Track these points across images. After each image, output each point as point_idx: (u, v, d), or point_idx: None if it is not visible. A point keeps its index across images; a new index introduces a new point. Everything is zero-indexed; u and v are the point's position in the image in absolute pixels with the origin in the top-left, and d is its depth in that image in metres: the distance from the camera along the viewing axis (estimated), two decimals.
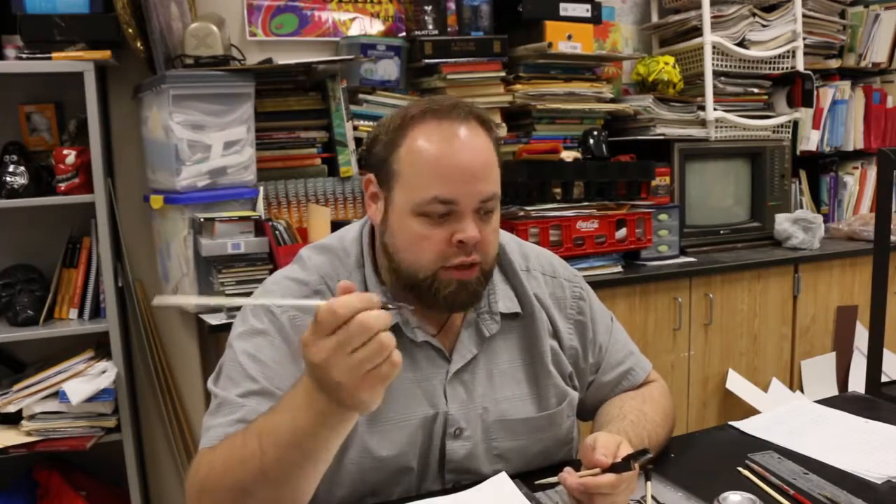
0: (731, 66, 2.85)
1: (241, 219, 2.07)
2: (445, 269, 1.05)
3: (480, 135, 1.06)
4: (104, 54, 2.08)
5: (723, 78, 2.84)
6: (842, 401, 1.45)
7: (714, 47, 2.77)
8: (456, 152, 1.03)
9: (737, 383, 2.60)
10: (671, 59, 2.80)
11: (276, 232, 2.11)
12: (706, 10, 2.74)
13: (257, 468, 0.90)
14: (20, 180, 2.06)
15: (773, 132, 2.98)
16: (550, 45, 2.53)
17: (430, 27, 2.54)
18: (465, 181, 1.03)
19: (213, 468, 0.95)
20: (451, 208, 1.03)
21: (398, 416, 1.10)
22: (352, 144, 2.36)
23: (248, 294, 2.04)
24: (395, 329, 1.08)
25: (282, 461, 0.89)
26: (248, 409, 1.01)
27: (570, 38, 2.59)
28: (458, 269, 1.05)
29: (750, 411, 2.28)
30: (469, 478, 1.12)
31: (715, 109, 2.78)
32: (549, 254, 1.30)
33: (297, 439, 0.88)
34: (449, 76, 2.46)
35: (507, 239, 1.25)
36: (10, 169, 2.06)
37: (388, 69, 2.47)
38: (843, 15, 3.17)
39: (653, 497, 1.02)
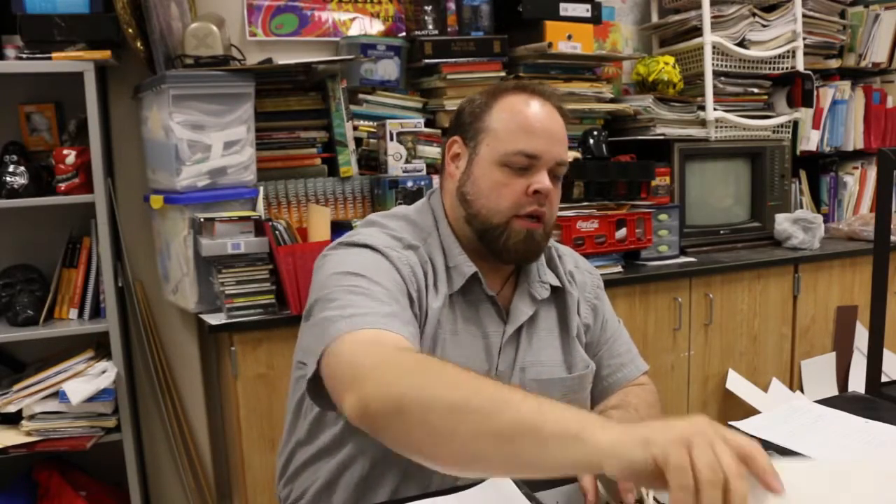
0: (731, 66, 2.85)
1: (241, 219, 2.07)
2: (518, 218, 1.17)
3: (558, 112, 1.22)
4: (104, 54, 2.08)
5: (723, 78, 2.84)
6: (842, 401, 1.45)
7: (714, 47, 2.77)
8: (542, 117, 1.19)
9: (737, 383, 2.60)
10: (671, 59, 2.80)
11: (276, 232, 2.10)
12: (706, 10, 2.74)
13: (470, 405, 0.80)
14: (20, 180, 2.06)
15: (773, 132, 2.98)
16: (550, 45, 2.53)
17: (430, 27, 2.54)
18: (547, 141, 1.18)
19: (402, 365, 0.88)
20: (532, 162, 1.17)
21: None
22: (352, 144, 2.36)
23: (248, 294, 2.07)
24: (474, 278, 1.21)
25: (491, 426, 0.78)
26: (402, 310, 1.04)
27: (570, 38, 2.59)
28: (528, 219, 1.17)
29: (750, 411, 2.28)
30: None
31: (715, 109, 2.78)
32: (573, 250, 1.44)
33: (530, 427, 0.77)
34: (449, 76, 2.46)
35: None
36: (10, 169, 2.06)
37: (388, 69, 2.47)
38: (843, 15, 3.16)
39: (654, 497, 1.02)
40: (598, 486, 1.04)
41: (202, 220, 2.04)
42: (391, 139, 2.34)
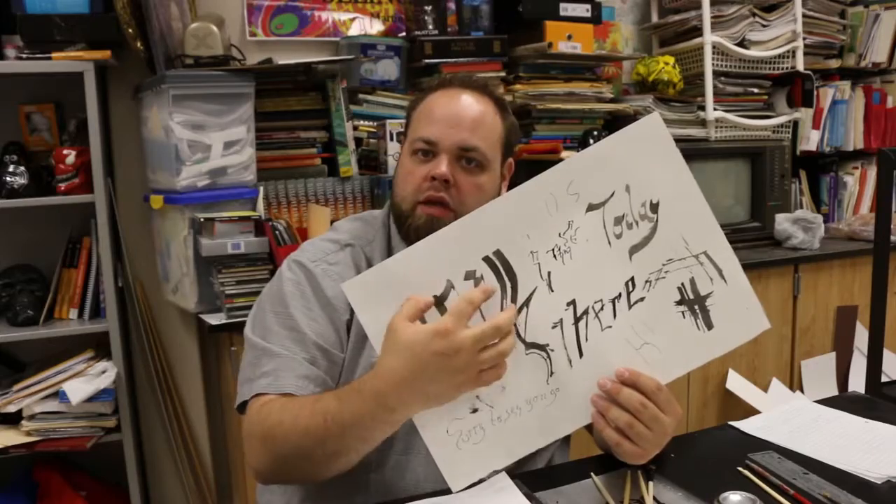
0: (731, 66, 2.85)
1: (241, 219, 2.07)
2: (421, 204, 1.17)
3: (480, 99, 1.21)
4: (104, 54, 2.08)
5: (723, 78, 2.84)
6: (842, 401, 1.45)
7: (714, 47, 2.77)
8: (448, 105, 1.19)
9: (737, 383, 2.60)
10: (671, 59, 2.80)
11: (276, 232, 2.11)
12: (706, 10, 2.74)
13: (319, 439, 1.00)
14: (20, 180, 2.06)
15: (773, 132, 2.98)
16: (550, 45, 2.53)
17: (430, 27, 2.54)
18: (447, 126, 1.17)
19: (281, 423, 1.03)
20: (432, 149, 1.17)
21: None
22: (352, 144, 2.36)
23: (248, 294, 2.07)
24: None
25: (342, 438, 0.99)
26: (295, 361, 1.11)
27: (570, 38, 2.59)
28: (428, 205, 1.16)
29: (750, 411, 2.28)
30: None
31: (715, 109, 2.78)
32: None
33: (357, 426, 0.98)
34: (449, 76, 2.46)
35: None
36: (10, 169, 2.06)
37: (388, 69, 2.47)
38: (843, 15, 3.16)
39: (654, 497, 1.02)
40: (599, 486, 1.04)
41: (202, 220, 2.04)
42: (391, 139, 2.34)
